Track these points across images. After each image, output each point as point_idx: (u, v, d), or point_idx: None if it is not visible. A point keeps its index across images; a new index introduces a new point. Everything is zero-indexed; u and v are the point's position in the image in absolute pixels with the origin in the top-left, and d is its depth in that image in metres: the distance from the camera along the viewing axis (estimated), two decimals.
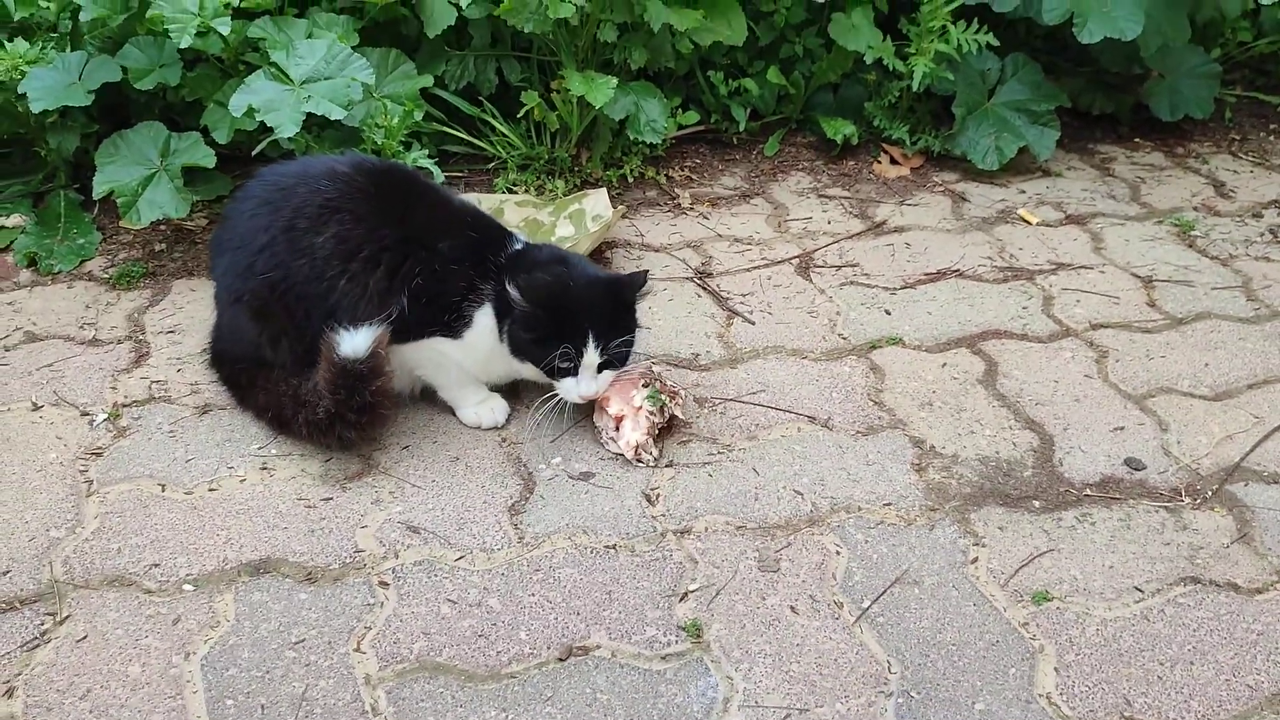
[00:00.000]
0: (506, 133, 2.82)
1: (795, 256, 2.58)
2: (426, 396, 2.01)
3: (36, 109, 2.33)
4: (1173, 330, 2.32)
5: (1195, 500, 1.83)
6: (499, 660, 1.51)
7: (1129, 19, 2.80)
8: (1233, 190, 2.97)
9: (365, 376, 1.77)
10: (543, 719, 1.43)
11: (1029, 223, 2.78)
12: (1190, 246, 2.67)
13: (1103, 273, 2.55)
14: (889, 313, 2.36)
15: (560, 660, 1.51)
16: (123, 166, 2.36)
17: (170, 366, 2.10)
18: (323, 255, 1.81)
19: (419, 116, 2.53)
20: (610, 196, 2.61)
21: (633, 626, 1.56)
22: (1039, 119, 2.99)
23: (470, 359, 1.90)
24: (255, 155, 2.42)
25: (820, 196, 2.88)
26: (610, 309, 1.85)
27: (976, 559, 1.70)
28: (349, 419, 1.79)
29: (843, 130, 3.01)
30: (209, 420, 1.95)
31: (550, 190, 2.74)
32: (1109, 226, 2.76)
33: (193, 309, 2.28)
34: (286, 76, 2.30)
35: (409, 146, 2.47)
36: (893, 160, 3.07)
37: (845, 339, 2.26)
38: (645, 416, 1.87)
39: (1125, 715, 1.46)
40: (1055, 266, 2.56)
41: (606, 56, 2.81)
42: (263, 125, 2.28)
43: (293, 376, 1.86)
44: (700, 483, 1.84)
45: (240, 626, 1.54)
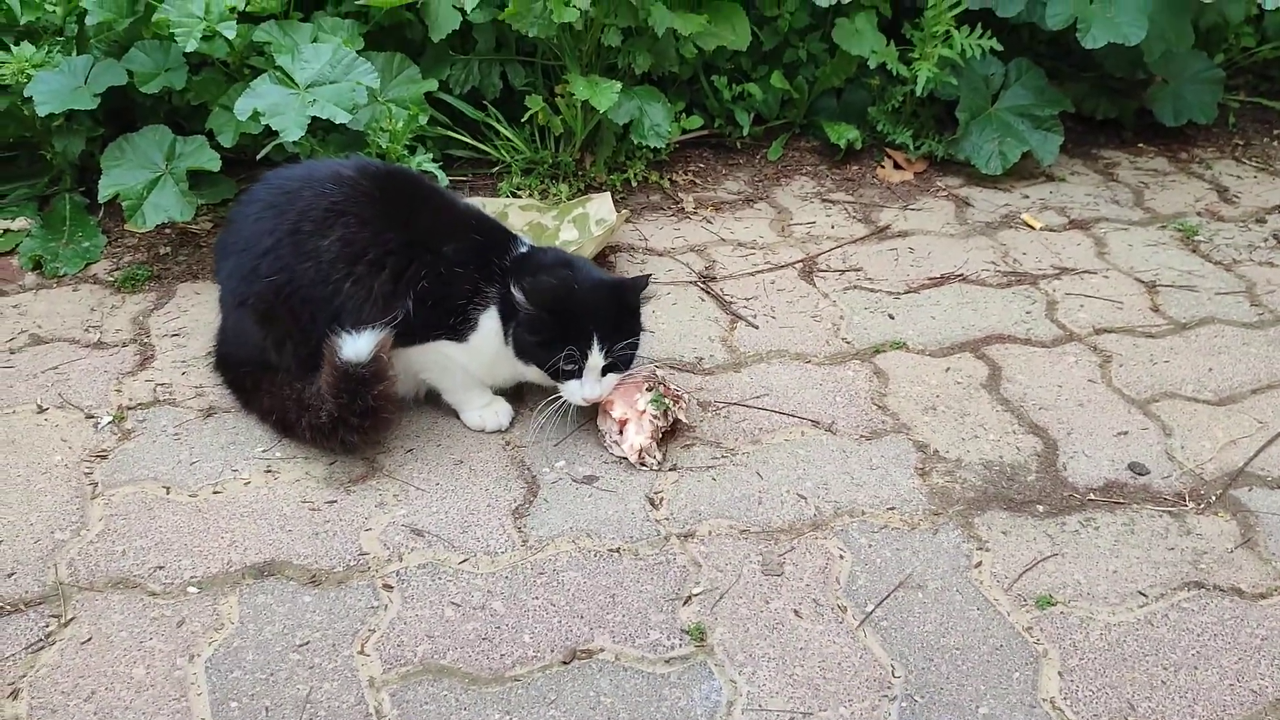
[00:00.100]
0: (511, 137, 2.82)
1: (799, 261, 2.58)
2: (431, 400, 2.01)
3: (42, 112, 2.34)
4: (1176, 335, 2.32)
5: (1199, 505, 1.84)
6: (503, 663, 1.51)
7: (1132, 24, 2.80)
8: (1236, 195, 2.98)
9: (367, 380, 1.78)
10: None
11: (1032, 227, 2.78)
12: (1194, 251, 2.67)
13: (1106, 277, 2.55)
14: (893, 317, 2.37)
15: (564, 663, 1.51)
16: (128, 170, 2.36)
17: (175, 369, 2.11)
18: (328, 259, 1.82)
19: (423, 120, 2.54)
20: (614, 201, 2.61)
21: (636, 630, 1.57)
22: (1042, 124, 2.99)
23: (475, 362, 1.91)
24: (260, 159, 2.43)
25: (824, 201, 2.89)
26: (615, 312, 1.85)
27: (980, 563, 1.71)
28: (351, 423, 1.80)
29: (846, 135, 3.01)
30: (213, 423, 1.96)
31: (554, 194, 2.74)
32: (1112, 231, 2.77)
33: (197, 312, 2.28)
34: (291, 80, 2.31)
35: (413, 150, 2.48)
36: (896, 165, 3.07)
37: (849, 343, 2.27)
38: (649, 420, 1.88)
39: None
40: (1059, 271, 2.57)
41: (611, 61, 2.82)
42: (268, 129, 2.28)
43: (297, 380, 1.87)
44: (704, 486, 1.85)
45: (244, 629, 1.55)
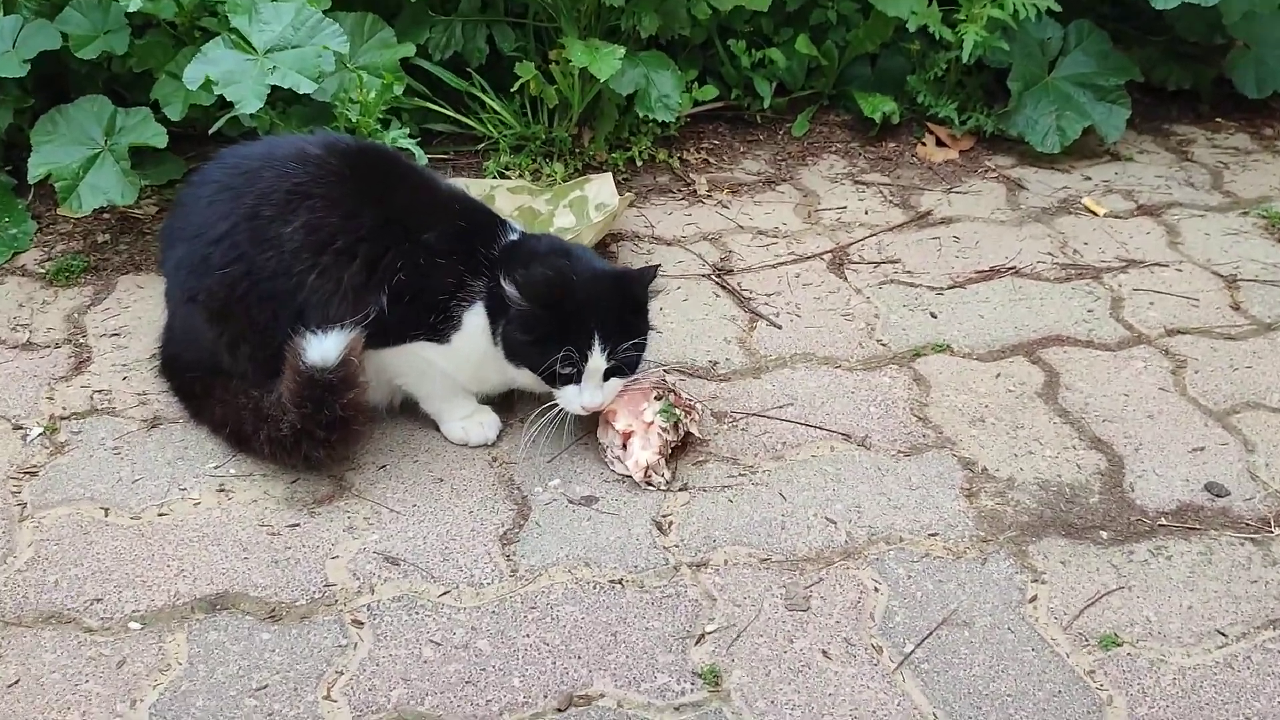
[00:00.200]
0: (498, 109, 2.83)
1: (827, 251, 2.58)
2: (407, 409, 2.01)
3: None
4: (1260, 337, 2.32)
5: None
6: (489, 710, 1.50)
7: None
8: None
9: (335, 387, 1.77)
10: None
11: (1095, 214, 2.78)
12: None
13: (1179, 271, 2.54)
14: (935, 316, 2.36)
15: (559, 710, 1.50)
16: (62, 146, 2.36)
17: (115, 374, 2.10)
18: (290, 247, 1.81)
19: (399, 90, 2.54)
20: (616, 182, 2.62)
21: (642, 672, 1.56)
22: (1106, 95, 2.99)
23: (458, 366, 1.90)
24: (213, 134, 2.43)
25: (856, 183, 2.89)
26: (618, 308, 1.84)
27: (1035, 597, 1.70)
28: (317, 436, 1.79)
29: (882, 108, 3.01)
30: (158, 435, 1.96)
31: (548, 175, 2.75)
32: (1186, 218, 2.76)
33: (140, 308, 2.28)
34: (249, 44, 2.31)
35: (387, 124, 2.48)
36: (939, 142, 3.07)
37: (885, 345, 2.26)
38: (657, 433, 1.87)
39: None
40: (1125, 264, 2.56)
41: (613, 23, 2.83)
42: (221, 100, 2.28)
43: (254, 387, 1.87)
44: (719, 509, 1.84)
45: (194, 670, 1.54)
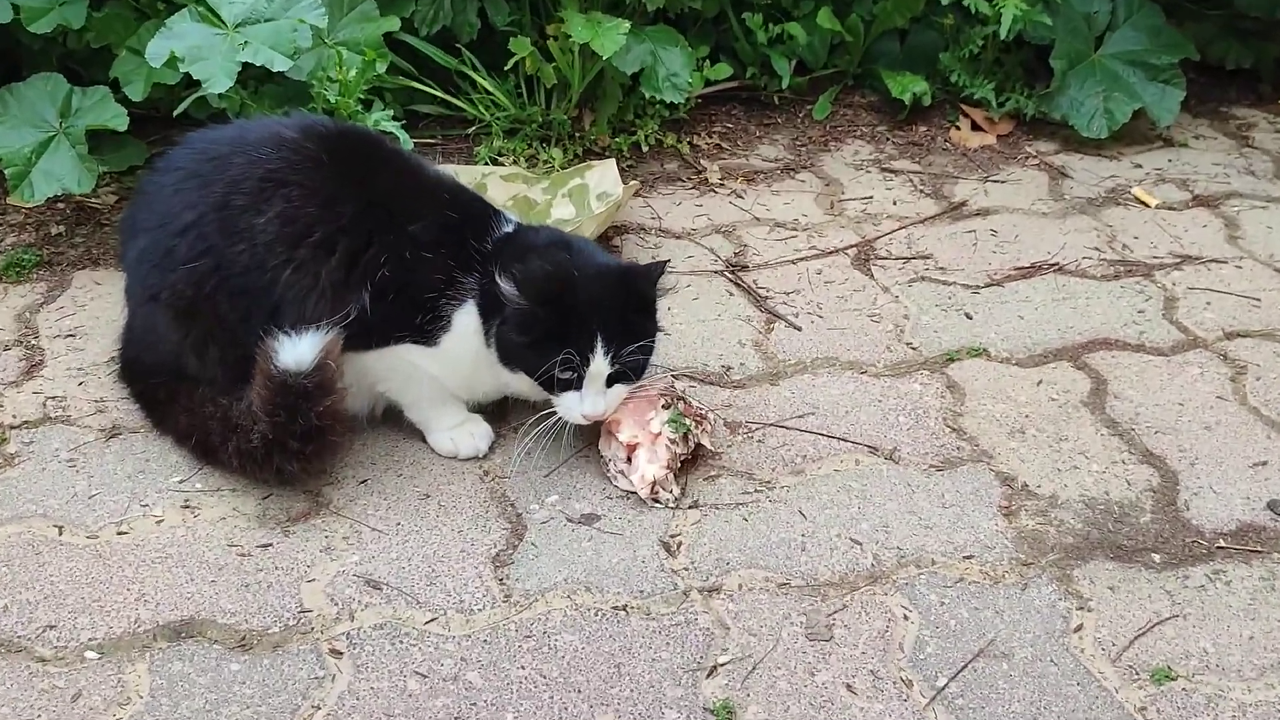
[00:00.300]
0: (491, 89, 2.83)
1: (852, 245, 2.59)
2: (391, 418, 2.02)
3: None
4: None
5: None
6: None
7: None
8: None
9: (310, 394, 1.77)
10: None
11: (1146, 205, 2.78)
12: None
13: (1239, 268, 2.55)
14: (970, 316, 2.37)
15: None
16: (12, 129, 2.37)
17: (70, 379, 2.11)
18: (264, 240, 1.82)
19: (382, 68, 2.55)
20: (620, 169, 2.62)
21: (648, 708, 1.57)
22: (1159, 74, 2.99)
23: (447, 371, 1.91)
24: (178, 116, 2.44)
25: (883, 171, 2.89)
26: (623, 307, 1.85)
27: (1081, 626, 1.70)
28: (290, 447, 1.80)
29: (912, 88, 3.02)
30: (117, 446, 1.96)
31: (545, 161, 2.75)
32: (1247, 210, 2.77)
33: (98, 307, 2.29)
34: (217, 18, 2.31)
35: (369, 106, 2.49)
36: (974, 125, 3.08)
37: (915, 349, 2.27)
38: (665, 445, 1.88)
39: None
40: (1179, 260, 2.57)
41: None
42: (188, 78, 2.29)
43: (223, 393, 1.87)
44: (733, 529, 1.85)
45: (156, 704, 1.54)
